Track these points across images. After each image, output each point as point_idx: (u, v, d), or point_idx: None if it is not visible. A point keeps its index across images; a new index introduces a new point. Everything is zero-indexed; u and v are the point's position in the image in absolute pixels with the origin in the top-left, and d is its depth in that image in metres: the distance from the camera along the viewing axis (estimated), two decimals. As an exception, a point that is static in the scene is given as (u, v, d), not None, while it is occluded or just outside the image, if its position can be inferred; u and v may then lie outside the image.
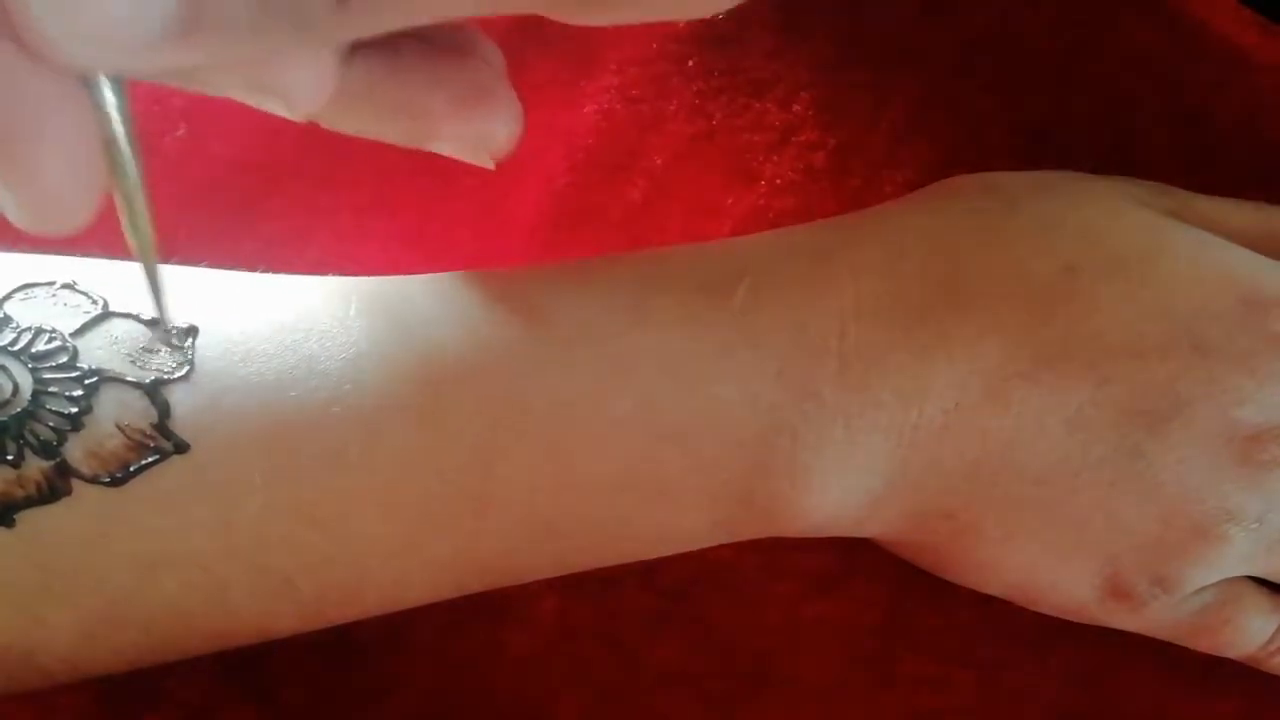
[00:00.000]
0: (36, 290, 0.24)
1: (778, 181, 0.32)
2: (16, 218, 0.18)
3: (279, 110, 0.20)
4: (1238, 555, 0.26)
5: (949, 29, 0.33)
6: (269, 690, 0.28)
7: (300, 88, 0.20)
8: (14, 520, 0.22)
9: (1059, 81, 0.33)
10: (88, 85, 0.18)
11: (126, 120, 0.19)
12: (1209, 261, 0.27)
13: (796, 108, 0.33)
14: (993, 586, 0.28)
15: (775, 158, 0.32)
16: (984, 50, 0.33)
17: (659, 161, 0.32)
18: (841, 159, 0.32)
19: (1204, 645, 0.28)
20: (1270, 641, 0.28)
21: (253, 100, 0.20)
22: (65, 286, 0.24)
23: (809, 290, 0.26)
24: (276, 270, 0.26)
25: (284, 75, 0.19)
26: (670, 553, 0.27)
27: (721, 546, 0.28)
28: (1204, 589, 0.27)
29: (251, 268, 0.26)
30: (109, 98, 0.18)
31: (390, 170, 0.32)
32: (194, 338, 0.24)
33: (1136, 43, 0.33)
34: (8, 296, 0.24)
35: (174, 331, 0.24)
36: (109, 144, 0.18)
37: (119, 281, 0.25)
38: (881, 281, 0.26)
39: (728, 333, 0.25)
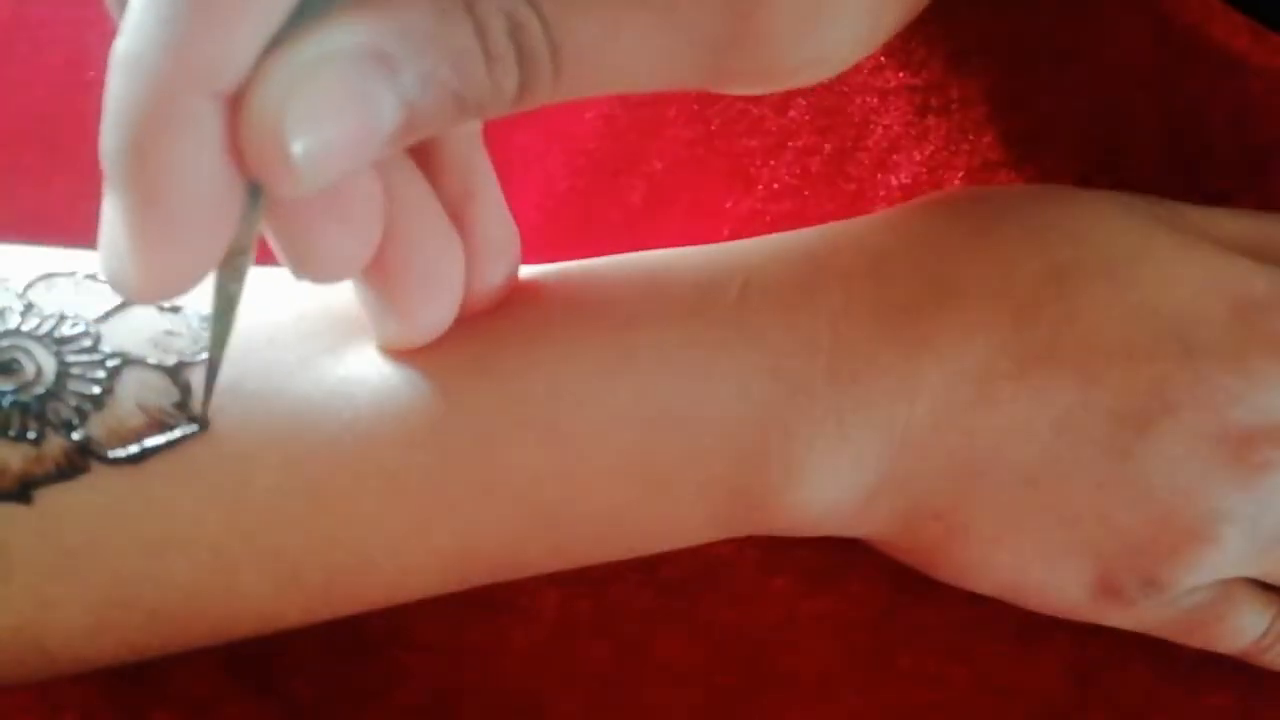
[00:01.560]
0: (59, 279, 0.25)
1: (774, 186, 0.33)
2: (122, 283, 0.19)
3: (299, 274, 0.22)
4: (1230, 557, 0.26)
5: (943, 35, 0.33)
6: (276, 684, 0.28)
7: (342, 256, 0.22)
8: (32, 497, 0.23)
9: (1052, 86, 0.33)
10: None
11: (255, 227, 0.19)
12: (1198, 263, 0.27)
13: (793, 113, 0.33)
14: (983, 586, 0.28)
15: (772, 162, 0.33)
16: (978, 56, 0.33)
17: (658, 166, 0.33)
18: (837, 164, 0.33)
19: (1196, 641, 0.28)
20: (1263, 637, 0.28)
21: (279, 255, 0.22)
22: (88, 276, 0.25)
23: (801, 290, 0.26)
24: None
25: (325, 243, 0.21)
26: (668, 548, 0.28)
27: (720, 543, 0.28)
28: (1196, 588, 0.27)
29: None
30: (251, 208, 0.19)
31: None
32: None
33: (1129, 47, 0.33)
34: (31, 284, 0.24)
35: (196, 316, 0.25)
36: (236, 245, 0.19)
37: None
38: (871, 282, 0.26)
39: (723, 329, 0.26)
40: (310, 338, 0.25)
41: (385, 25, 0.18)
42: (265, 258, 0.27)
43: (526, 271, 0.27)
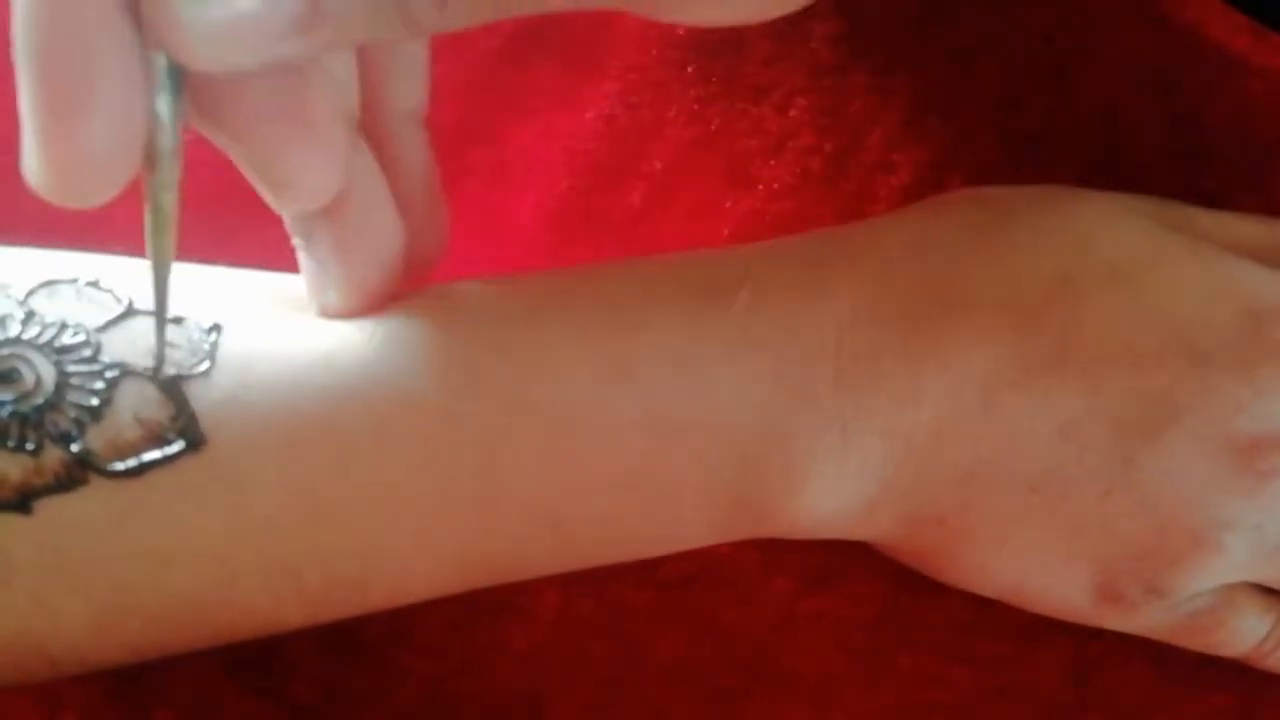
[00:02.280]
0: (61, 286, 0.25)
1: (775, 186, 0.32)
2: (39, 179, 0.18)
3: (275, 201, 0.22)
4: (1234, 564, 0.26)
5: (944, 35, 0.33)
6: (277, 686, 0.28)
7: (308, 181, 0.22)
8: (31, 508, 0.23)
9: (1053, 86, 0.33)
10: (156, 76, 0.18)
11: (176, 124, 0.19)
12: (1205, 270, 0.27)
13: (793, 113, 0.33)
14: (985, 590, 0.28)
15: (772, 162, 0.33)
16: (978, 55, 0.33)
17: (658, 166, 0.33)
18: (838, 164, 0.33)
19: (1198, 645, 0.28)
20: (1264, 641, 0.28)
21: (259, 186, 0.22)
22: (90, 284, 0.25)
23: (807, 297, 0.26)
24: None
25: (293, 165, 0.21)
26: (669, 552, 0.28)
27: (721, 543, 0.28)
28: (1198, 593, 0.27)
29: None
30: (166, 97, 0.19)
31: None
32: (217, 334, 0.25)
33: (1129, 47, 0.33)
34: (33, 291, 0.24)
35: (197, 328, 0.25)
36: (154, 136, 0.19)
37: (142, 281, 0.25)
38: (877, 289, 0.26)
39: (728, 336, 0.25)
40: (311, 351, 0.25)
41: None
42: (267, 264, 0.27)
43: (528, 275, 0.27)
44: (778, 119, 0.33)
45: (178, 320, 0.25)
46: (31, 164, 0.18)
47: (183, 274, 0.26)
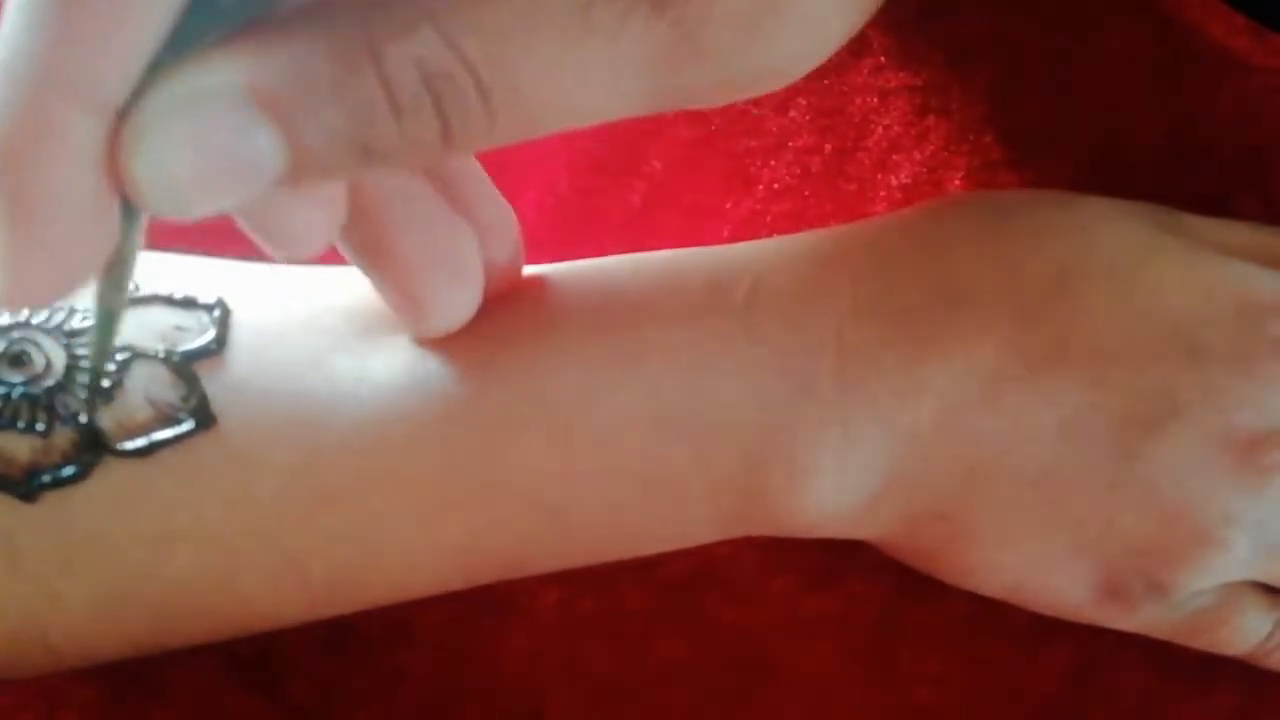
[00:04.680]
0: None
1: (775, 186, 0.33)
2: None
3: (272, 251, 0.21)
4: (1236, 561, 0.26)
5: (943, 35, 0.33)
6: (276, 684, 0.28)
7: (303, 235, 0.21)
8: (39, 489, 0.23)
9: (1052, 86, 0.33)
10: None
11: (134, 247, 0.19)
12: (1204, 267, 0.27)
13: (793, 113, 0.33)
14: (987, 588, 0.28)
15: (772, 162, 0.33)
16: (978, 55, 0.33)
17: (658, 166, 0.33)
18: (837, 164, 0.33)
19: (1200, 644, 0.28)
20: (1267, 639, 0.28)
21: (253, 236, 0.21)
22: None
23: (808, 292, 0.26)
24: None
25: (290, 221, 0.21)
26: (671, 548, 0.28)
27: (720, 543, 0.28)
28: (1200, 591, 0.27)
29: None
30: (129, 228, 0.19)
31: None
32: (227, 318, 0.25)
33: (1129, 47, 0.33)
34: None
35: (204, 308, 0.25)
36: (115, 258, 0.19)
37: (149, 269, 0.26)
38: (878, 284, 0.26)
39: (730, 330, 0.26)
40: (320, 335, 0.25)
41: (275, 67, 0.17)
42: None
43: (533, 270, 0.27)
44: (778, 119, 0.33)
45: (188, 302, 0.25)
46: None
47: (190, 262, 0.26)
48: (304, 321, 0.25)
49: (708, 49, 0.19)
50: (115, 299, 0.20)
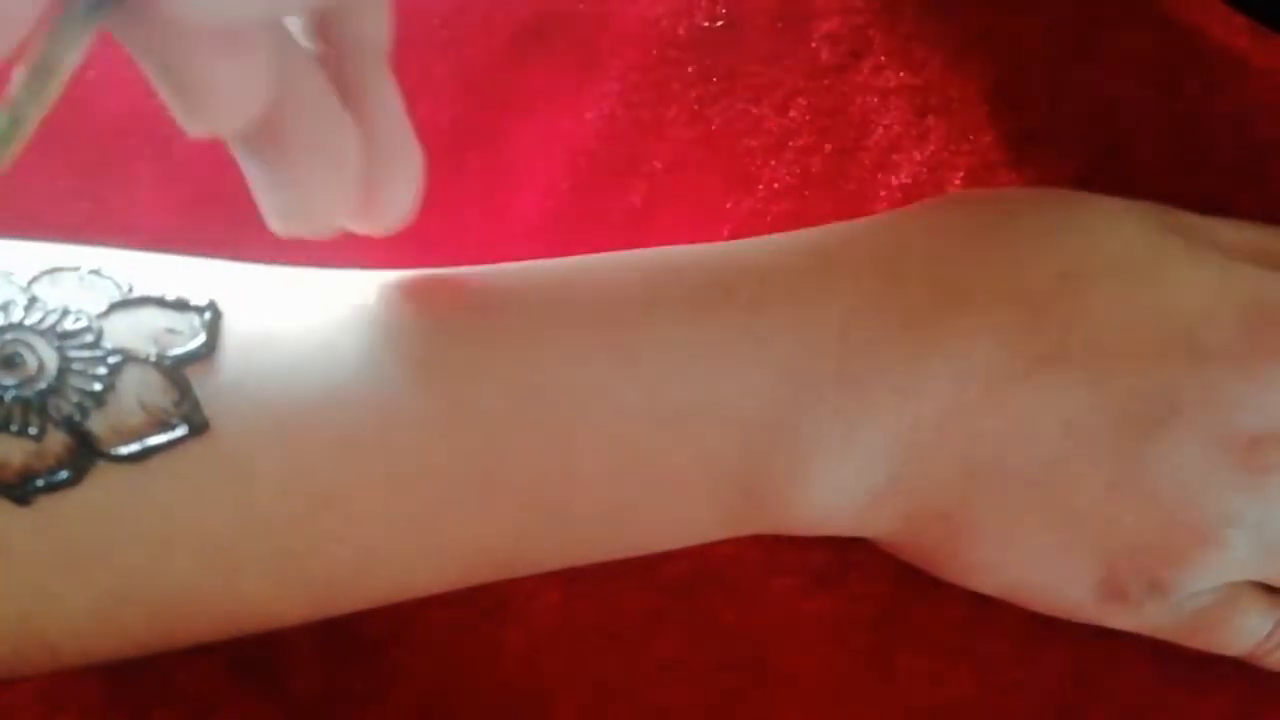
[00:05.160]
0: (64, 274, 0.25)
1: (775, 186, 0.33)
2: None
3: (183, 116, 0.20)
4: (1236, 561, 0.26)
5: (943, 35, 0.33)
6: (277, 684, 0.28)
7: (230, 95, 0.20)
8: (33, 493, 0.23)
9: (1053, 86, 0.33)
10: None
11: (70, 56, 0.17)
12: (1207, 268, 0.27)
13: (793, 113, 0.33)
14: (988, 587, 0.28)
15: (773, 162, 0.33)
16: (978, 55, 0.33)
17: (659, 166, 0.33)
18: (837, 164, 0.33)
19: (1200, 644, 0.28)
20: (1267, 639, 0.28)
21: (170, 101, 0.20)
22: (92, 272, 0.25)
23: (809, 290, 0.26)
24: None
25: (217, 76, 0.19)
26: (671, 547, 0.28)
27: (720, 543, 0.28)
28: (1200, 591, 0.27)
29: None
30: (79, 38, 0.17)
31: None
32: (218, 320, 0.25)
33: (1129, 47, 0.33)
34: (36, 278, 0.25)
35: (196, 310, 0.25)
36: (45, 59, 0.17)
37: (144, 270, 0.25)
38: (881, 282, 0.26)
39: (732, 329, 0.26)
40: (313, 336, 0.25)
41: None
42: (270, 257, 0.27)
43: (534, 264, 0.27)
44: (778, 119, 0.33)
45: (179, 304, 0.25)
46: None
47: (184, 263, 0.26)
48: (297, 323, 0.25)
49: None
50: (31, 108, 0.18)
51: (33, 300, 0.24)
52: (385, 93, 0.23)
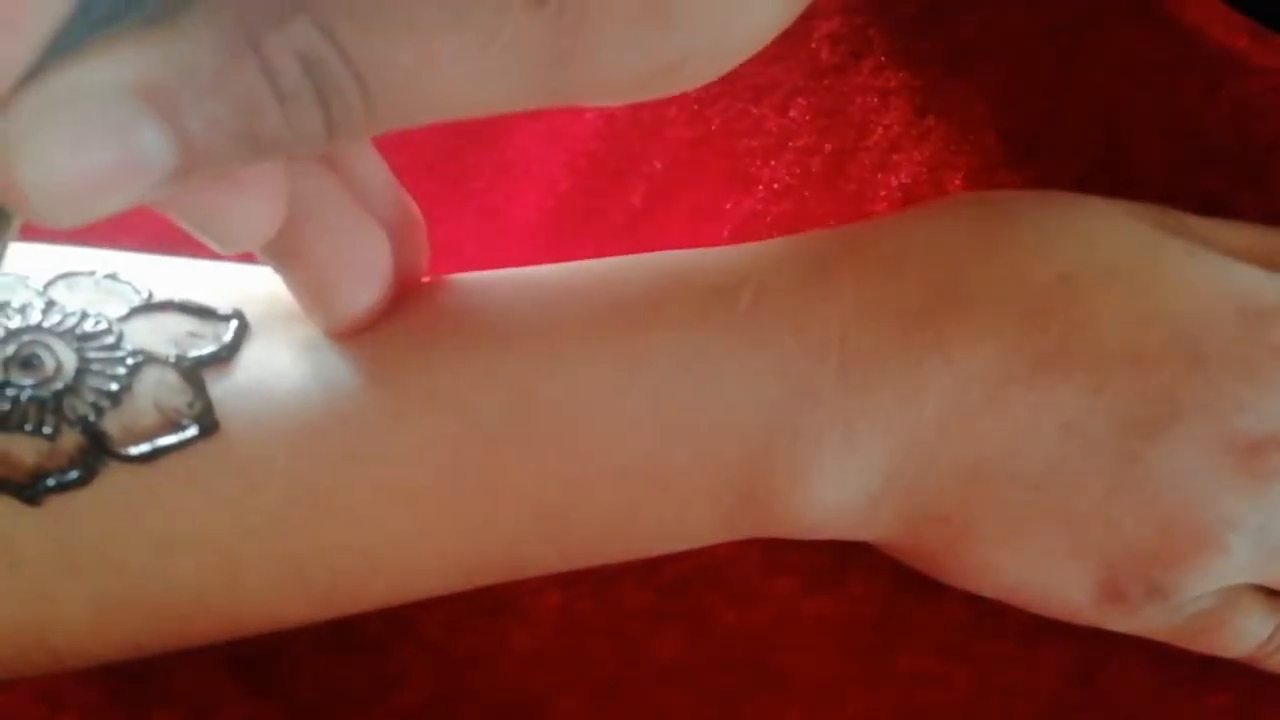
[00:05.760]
0: (80, 278, 0.25)
1: (775, 186, 0.33)
2: None
3: (215, 247, 0.21)
4: (1237, 564, 0.26)
5: (944, 35, 0.33)
6: (276, 685, 0.28)
7: (245, 229, 0.21)
8: (42, 492, 0.23)
9: (1052, 86, 0.33)
10: None
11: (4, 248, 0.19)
12: (1207, 271, 0.27)
13: (793, 113, 0.33)
14: (988, 589, 0.28)
15: (773, 162, 0.33)
16: (978, 56, 0.33)
17: (659, 166, 0.33)
18: (838, 164, 0.33)
19: (1200, 646, 0.28)
20: (1268, 642, 0.28)
21: (193, 233, 0.21)
22: (108, 276, 0.25)
23: (812, 294, 0.26)
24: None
25: (231, 215, 0.21)
26: (672, 550, 0.28)
27: (722, 543, 0.28)
28: (1201, 594, 0.27)
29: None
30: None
31: (394, 174, 0.32)
32: (245, 328, 0.25)
33: (1129, 47, 0.33)
34: (52, 283, 0.25)
35: (223, 319, 0.25)
36: None
37: (161, 274, 0.26)
38: (882, 286, 0.26)
39: (734, 333, 0.26)
40: (325, 341, 0.25)
41: (158, 61, 0.17)
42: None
43: (533, 271, 0.27)
44: (778, 119, 0.33)
45: (202, 310, 0.25)
46: None
47: (199, 267, 0.26)
48: (307, 328, 0.25)
49: (591, 46, 0.19)
50: None
51: (50, 303, 0.24)
52: (370, 166, 0.25)
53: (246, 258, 0.25)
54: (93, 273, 0.25)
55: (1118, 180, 0.32)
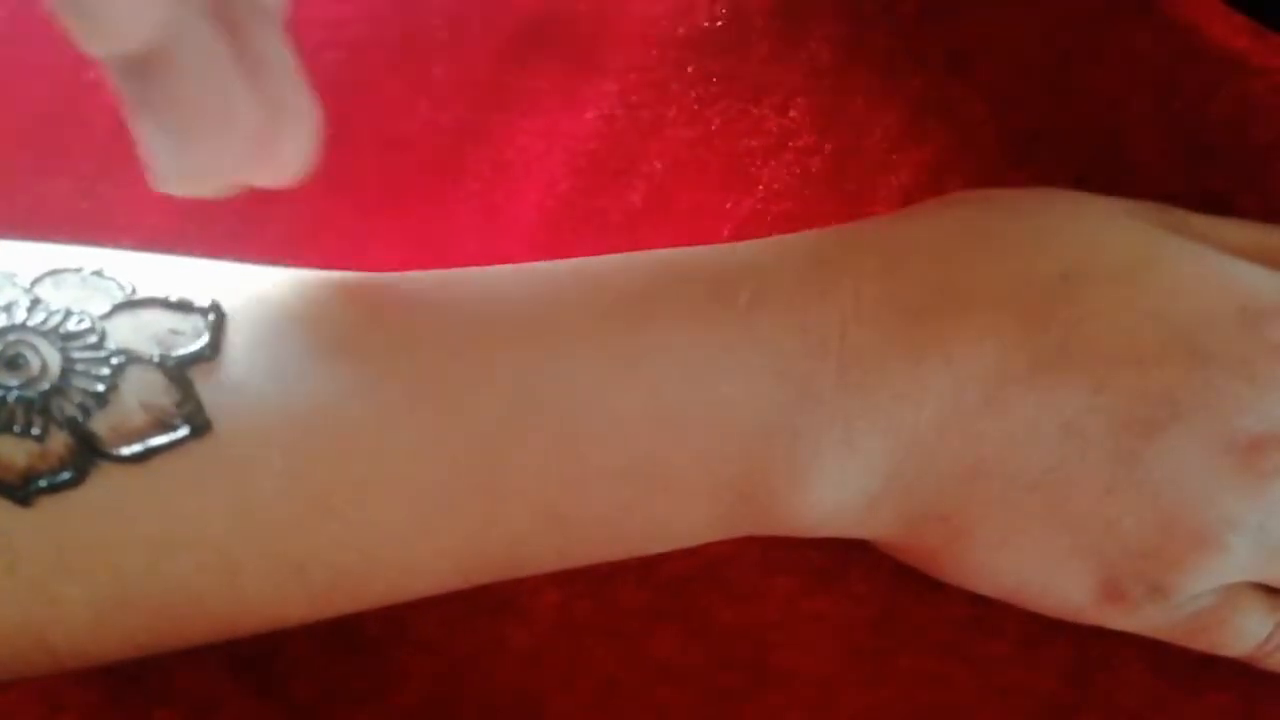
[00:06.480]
0: (66, 275, 0.25)
1: (775, 186, 0.33)
2: None
3: (79, 33, 0.19)
4: (1236, 564, 0.26)
5: (943, 35, 0.33)
6: (276, 684, 0.28)
7: (123, 10, 0.19)
8: (35, 493, 0.23)
9: (1052, 86, 0.33)
10: None
11: None
12: (1206, 270, 0.27)
13: (793, 113, 0.33)
14: (987, 588, 0.28)
15: (772, 163, 0.33)
16: (978, 56, 0.33)
17: (659, 166, 0.33)
18: (838, 164, 0.33)
19: (1200, 645, 0.28)
20: (1267, 641, 0.28)
21: (66, 19, 0.19)
22: (94, 273, 0.25)
23: (811, 293, 0.26)
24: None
25: None
26: (670, 548, 0.28)
27: (720, 542, 0.28)
28: (1200, 593, 0.27)
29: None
30: None
31: (394, 174, 0.32)
32: (222, 322, 0.25)
33: (1129, 48, 0.33)
34: (39, 280, 0.25)
35: (199, 311, 0.25)
36: None
37: (146, 270, 0.25)
38: (882, 286, 0.26)
39: (733, 332, 0.26)
40: (316, 338, 0.25)
41: None
42: (272, 258, 0.27)
43: (534, 266, 0.27)
44: (778, 119, 0.33)
45: (182, 305, 0.25)
46: None
47: (187, 264, 0.26)
48: (300, 325, 0.25)
49: None
50: None
51: (35, 301, 0.24)
52: (278, 52, 0.23)
53: (235, 253, 0.24)
54: (79, 269, 0.25)
55: (1118, 180, 0.32)
